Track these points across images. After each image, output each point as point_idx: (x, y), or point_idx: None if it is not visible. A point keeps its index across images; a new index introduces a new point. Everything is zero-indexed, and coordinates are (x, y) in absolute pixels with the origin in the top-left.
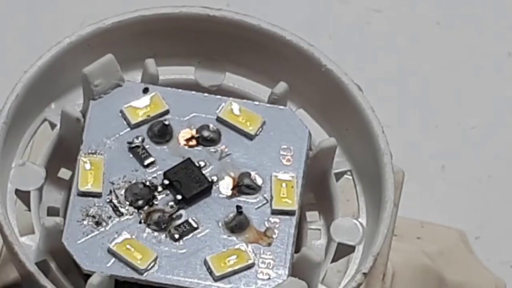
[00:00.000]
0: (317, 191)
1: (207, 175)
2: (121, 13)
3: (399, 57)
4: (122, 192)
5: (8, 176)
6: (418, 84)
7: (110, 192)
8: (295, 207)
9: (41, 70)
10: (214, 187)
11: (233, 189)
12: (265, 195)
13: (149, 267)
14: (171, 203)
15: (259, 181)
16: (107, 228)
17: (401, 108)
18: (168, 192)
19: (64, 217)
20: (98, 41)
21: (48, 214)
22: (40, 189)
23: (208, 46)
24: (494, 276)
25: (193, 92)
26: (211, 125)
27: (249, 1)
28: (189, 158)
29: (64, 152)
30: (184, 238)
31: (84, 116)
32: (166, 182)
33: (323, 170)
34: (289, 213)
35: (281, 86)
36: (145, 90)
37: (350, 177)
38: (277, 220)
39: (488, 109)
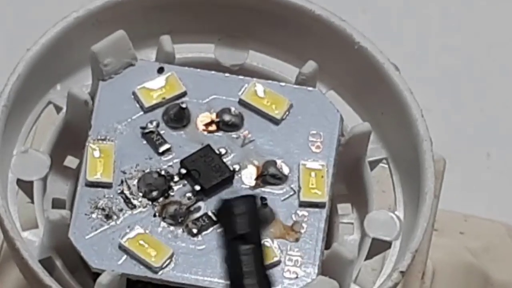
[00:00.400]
0: (349, 181)
1: (228, 163)
2: None
3: (440, 34)
4: (135, 182)
5: (9, 165)
6: (461, 63)
7: (122, 182)
8: (325, 198)
9: (45, 48)
10: (236, 177)
11: (257, 179)
12: (292, 186)
13: (165, 264)
14: (189, 195)
15: (285, 170)
16: (118, 222)
17: (442, 89)
18: (186, 182)
19: (71, 209)
20: (108, 16)
21: (53, 207)
22: (44, 179)
23: (230, 21)
24: None
25: (213, 72)
26: (232, 109)
27: None
28: (208, 145)
29: (71, 138)
30: (203, 233)
31: (92, 98)
32: (183, 171)
33: (356, 158)
34: (319, 205)
35: (310, 66)
36: (160, 70)
37: (386, 166)
38: (306, 213)
39: None
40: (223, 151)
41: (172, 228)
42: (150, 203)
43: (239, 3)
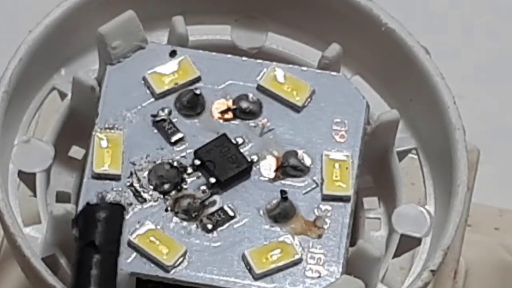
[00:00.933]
0: (376, 173)
1: (245, 154)
2: None
3: (475, 14)
4: (145, 174)
5: (10, 155)
6: (497, 46)
7: (131, 174)
8: (350, 192)
9: (49, 30)
10: (254, 169)
11: (276, 170)
12: (314, 178)
13: (177, 263)
14: (203, 188)
15: (307, 161)
16: (127, 217)
17: (476, 74)
18: (200, 174)
19: (76, 204)
20: None
21: (57, 201)
22: (47, 171)
23: (247, 1)
24: None
25: (229, 55)
26: (250, 95)
27: None
28: (224, 134)
29: (76, 127)
30: (219, 229)
31: (99, 84)
32: (197, 162)
33: (383, 148)
34: (343, 199)
35: (334, 49)
36: (172, 53)
37: (416, 157)
38: (329, 208)
39: None
40: (240, 140)
41: (185, 223)
42: (161, 196)
43: None
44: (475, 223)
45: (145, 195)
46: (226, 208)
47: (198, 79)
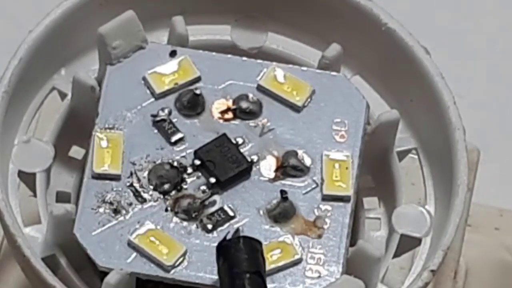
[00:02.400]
0: (376, 173)
1: (245, 154)
2: None
3: (475, 14)
4: (145, 174)
5: (10, 155)
6: (497, 46)
7: (131, 174)
8: (350, 192)
9: (49, 30)
10: (254, 169)
11: (276, 170)
12: (314, 178)
13: (177, 263)
14: (203, 188)
15: (307, 161)
16: (127, 217)
17: (476, 74)
18: (200, 174)
19: (76, 204)
20: None
21: (57, 201)
22: (47, 171)
23: (247, 0)
24: None
25: (229, 55)
26: (250, 95)
27: None
28: (224, 134)
29: (76, 127)
30: (219, 229)
31: (99, 84)
32: (197, 162)
33: (383, 148)
34: (343, 199)
35: (334, 49)
36: (173, 53)
37: (416, 157)
38: (329, 208)
39: None
40: (240, 140)
41: (185, 223)
42: (161, 196)
43: None
44: (475, 223)
45: (145, 195)
46: (226, 208)
47: (198, 79)
